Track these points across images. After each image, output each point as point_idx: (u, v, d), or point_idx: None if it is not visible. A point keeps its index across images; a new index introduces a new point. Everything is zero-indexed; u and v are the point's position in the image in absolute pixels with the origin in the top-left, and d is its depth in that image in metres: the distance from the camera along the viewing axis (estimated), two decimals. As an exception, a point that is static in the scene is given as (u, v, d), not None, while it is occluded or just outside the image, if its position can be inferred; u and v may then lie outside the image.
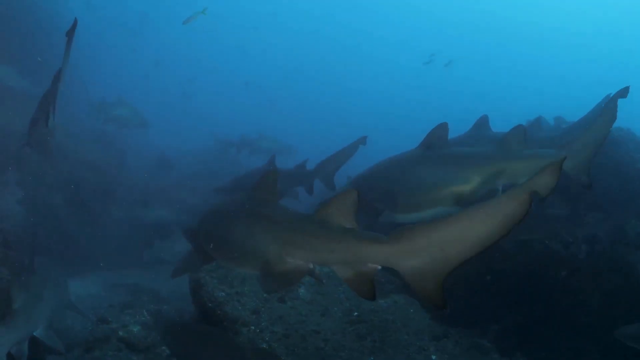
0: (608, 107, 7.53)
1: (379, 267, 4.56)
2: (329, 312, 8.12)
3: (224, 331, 7.58)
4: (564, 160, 3.98)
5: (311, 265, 4.99)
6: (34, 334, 7.40)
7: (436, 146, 7.91)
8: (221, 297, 8.01)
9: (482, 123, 9.70)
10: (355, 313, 8.10)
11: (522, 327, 8.51)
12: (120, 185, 17.44)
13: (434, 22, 65.78)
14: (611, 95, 8.05)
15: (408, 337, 7.83)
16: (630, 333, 6.98)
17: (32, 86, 16.50)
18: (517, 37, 63.09)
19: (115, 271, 13.93)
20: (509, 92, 58.37)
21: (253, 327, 7.63)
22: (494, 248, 8.79)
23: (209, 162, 23.77)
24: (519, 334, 8.45)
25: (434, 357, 7.59)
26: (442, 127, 8.00)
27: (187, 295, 8.72)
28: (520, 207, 3.77)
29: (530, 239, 9.03)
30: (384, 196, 7.75)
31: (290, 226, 5.16)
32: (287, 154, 23.65)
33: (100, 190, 16.47)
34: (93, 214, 15.72)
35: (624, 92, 7.84)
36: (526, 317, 8.56)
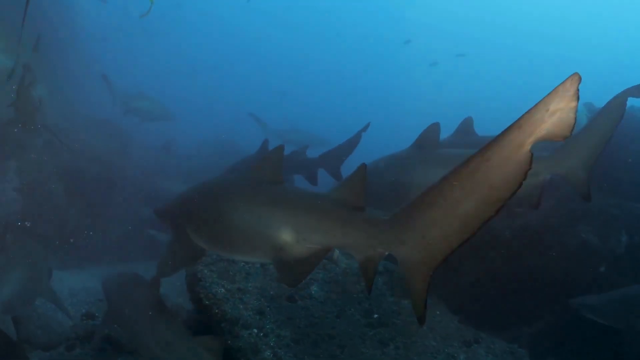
0: (612, 106, 6.59)
1: (385, 253, 4.10)
2: (345, 313, 6.96)
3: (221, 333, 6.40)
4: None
5: (331, 248, 4.56)
6: None
7: (428, 147, 7.64)
8: (220, 293, 6.78)
9: (467, 126, 9.05)
10: (376, 315, 6.99)
11: (555, 329, 7.72)
12: (123, 176, 16.05)
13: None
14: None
15: (436, 344, 6.86)
16: (588, 303, 6.76)
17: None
18: (523, 33, 61.73)
19: (115, 264, 12.86)
20: (516, 90, 57.17)
21: (256, 331, 6.42)
22: (524, 242, 7.43)
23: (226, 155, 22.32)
24: (552, 337, 7.67)
25: (464, 366, 6.70)
26: (434, 129, 7.76)
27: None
28: (514, 173, 2.94)
29: (565, 232, 8.25)
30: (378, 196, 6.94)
31: (305, 207, 4.65)
32: (320, 147, 22.01)
33: (103, 181, 15.19)
34: (94, 205, 14.49)
35: (636, 91, 6.74)
36: (560, 318, 7.75)
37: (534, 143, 2.82)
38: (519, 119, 2.80)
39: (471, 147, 7.97)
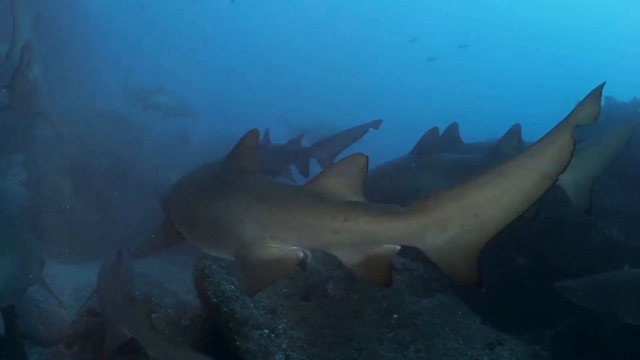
0: (624, 126, 6.53)
1: (399, 247, 3.63)
2: (363, 313, 6.35)
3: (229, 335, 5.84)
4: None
5: (302, 254, 3.81)
6: None
7: (426, 154, 7.54)
8: (229, 291, 6.15)
9: (452, 132, 8.69)
10: (395, 315, 6.38)
11: (577, 331, 7.33)
12: (133, 170, 15.53)
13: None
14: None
15: (458, 346, 6.21)
16: (571, 286, 6.69)
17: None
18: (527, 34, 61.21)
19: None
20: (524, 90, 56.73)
21: (267, 331, 5.83)
22: (546, 241, 6.92)
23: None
24: (574, 339, 7.26)
25: (488, 369, 6.19)
26: (433, 134, 7.67)
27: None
28: (563, 151, 3.09)
29: (588, 229, 8.02)
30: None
31: (276, 200, 3.89)
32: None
33: (112, 175, 14.77)
34: (102, 199, 14.05)
35: None
36: (582, 320, 7.34)
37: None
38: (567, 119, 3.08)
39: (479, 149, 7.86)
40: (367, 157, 3.69)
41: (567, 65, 56.23)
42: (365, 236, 3.54)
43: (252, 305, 6.00)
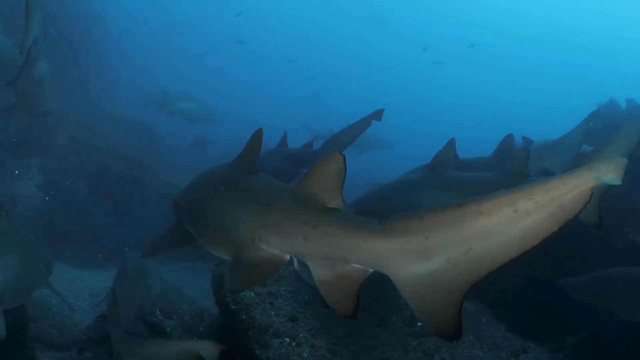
0: (632, 125, 6.26)
1: (371, 271, 3.17)
2: (386, 321, 6.09)
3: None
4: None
5: (287, 257, 3.55)
6: None
7: (441, 170, 7.13)
8: (249, 297, 5.89)
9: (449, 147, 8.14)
10: (419, 323, 6.11)
11: (599, 340, 7.05)
12: (150, 175, 15.47)
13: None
14: None
15: (483, 354, 6.02)
16: (571, 282, 6.68)
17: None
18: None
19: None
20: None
21: (288, 340, 5.55)
22: (569, 246, 6.59)
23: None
24: (596, 348, 7.01)
25: (514, 378, 5.98)
26: (449, 149, 7.33)
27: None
28: (579, 201, 2.70)
29: (611, 233, 7.69)
30: None
31: (266, 203, 3.68)
32: (382, 149, 21.31)
33: (128, 179, 14.76)
34: (118, 203, 14.01)
35: None
36: (604, 328, 7.04)
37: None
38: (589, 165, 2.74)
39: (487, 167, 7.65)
40: (343, 155, 3.33)
41: (575, 68, 56.11)
42: (332, 249, 3.20)
43: (272, 312, 5.76)
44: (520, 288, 7.52)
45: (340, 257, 3.15)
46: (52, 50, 16.30)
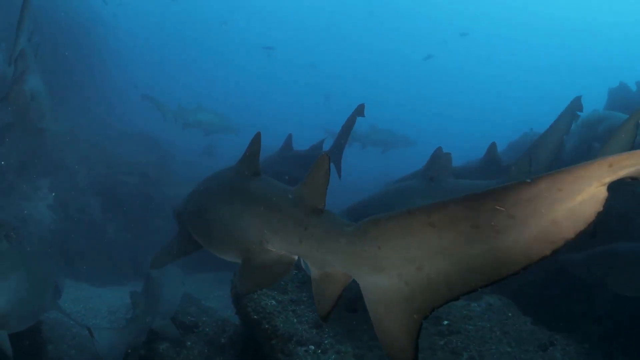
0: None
1: (350, 277, 2.97)
2: (412, 321, 5.59)
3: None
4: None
5: (295, 257, 3.48)
6: None
7: (438, 178, 6.90)
8: (271, 306, 5.73)
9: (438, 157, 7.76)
10: (446, 322, 5.92)
11: (624, 329, 6.82)
12: (161, 188, 15.30)
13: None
14: None
15: (511, 349, 5.79)
16: (568, 258, 6.66)
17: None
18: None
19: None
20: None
21: (312, 347, 5.37)
22: (590, 233, 6.34)
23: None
24: (621, 337, 6.76)
25: (543, 372, 5.74)
26: (446, 157, 7.04)
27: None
28: (588, 206, 2.01)
29: (631, 217, 7.41)
30: None
31: (270, 205, 3.62)
32: (404, 147, 21.12)
33: (141, 195, 14.62)
34: (132, 219, 13.81)
35: None
36: (629, 317, 6.87)
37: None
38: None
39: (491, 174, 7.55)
40: (329, 157, 3.28)
41: (569, 59, 55.73)
42: (318, 251, 3.11)
43: (295, 320, 5.59)
44: (543, 280, 7.36)
45: (325, 258, 3.05)
46: (57, 67, 16.42)
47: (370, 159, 21.34)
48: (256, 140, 4.20)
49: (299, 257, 3.54)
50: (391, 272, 2.49)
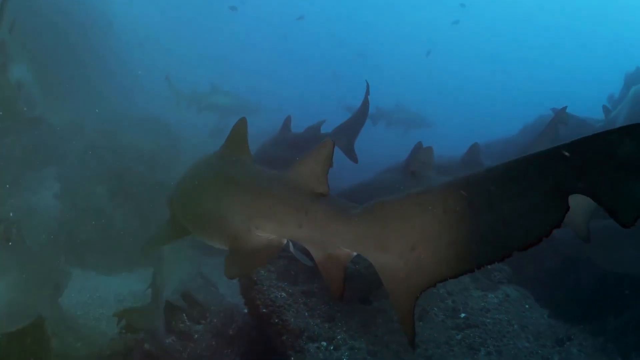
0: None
1: (354, 254, 3.14)
2: (428, 314, 5.63)
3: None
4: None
5: (284, 241, 3.56)
6: None
7: (420, 174, 6.80)
8: (281, 298, 5.47)
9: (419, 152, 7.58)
10: (463, 314, 5.69)
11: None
12: (171, 173, 14.89)
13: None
14: None
15: (529, 344, 5.65)
16: (560, 237, 6.63)
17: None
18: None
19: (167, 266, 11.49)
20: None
21: (325, 343, 5.11)
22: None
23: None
24: (638, 331, 6.59)
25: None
26: (426, 152, 6.96)
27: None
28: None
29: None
30: None
31: (258, 192, 3.64)
32: (422, 127, 21.04)
33: (149, 180, 13.94)
34: (140, 206, 13.26)
35: None
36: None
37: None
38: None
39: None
40: (333, 143, 3.30)
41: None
42: (322, 234, 3.17)
43: (307, 313, 5.34)
44: (558, 271, 7.23)
45: (329, 240, 3.13)
46: (68, 58, 16.15)
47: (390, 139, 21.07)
48: (241, 124, 4.21)
49: (289, 246, 3.72)
50: (393, 251, 2.68)
